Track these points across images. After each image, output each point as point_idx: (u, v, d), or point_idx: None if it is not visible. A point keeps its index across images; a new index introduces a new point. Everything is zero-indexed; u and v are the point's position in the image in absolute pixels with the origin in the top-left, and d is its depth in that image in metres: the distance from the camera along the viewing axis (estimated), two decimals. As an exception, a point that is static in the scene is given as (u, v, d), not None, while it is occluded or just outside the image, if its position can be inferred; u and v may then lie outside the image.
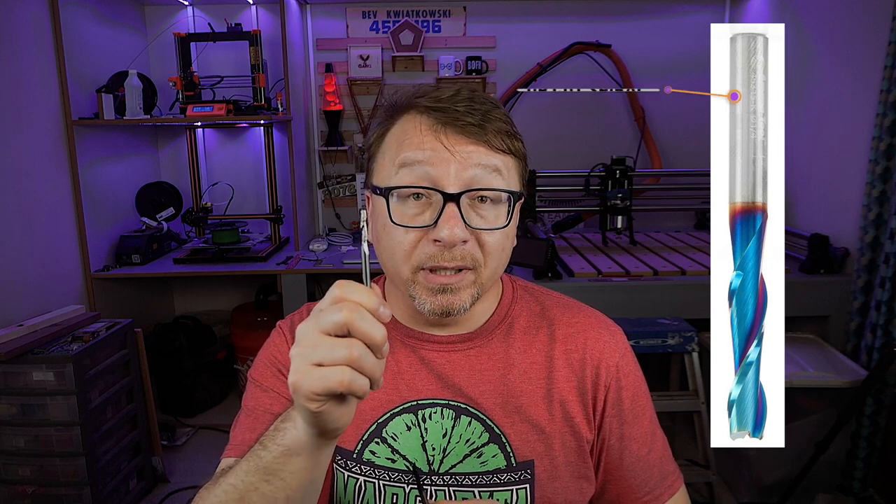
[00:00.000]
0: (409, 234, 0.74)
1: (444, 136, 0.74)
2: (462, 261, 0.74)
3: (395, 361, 0.83)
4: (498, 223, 0.75)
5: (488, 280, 0.78)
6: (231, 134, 3.30)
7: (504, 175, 0.76)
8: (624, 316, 2.21)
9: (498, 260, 0.77)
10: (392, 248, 0.76)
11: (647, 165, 3.23)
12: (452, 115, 0.74)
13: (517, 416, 0.81)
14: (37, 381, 2.01)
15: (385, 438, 0.81)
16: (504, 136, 0.76)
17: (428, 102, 0.76)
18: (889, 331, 2.01)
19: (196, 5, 3.09)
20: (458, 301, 0.75)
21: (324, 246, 2.89)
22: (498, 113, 0.77)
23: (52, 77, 2.46)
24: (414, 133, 0.75)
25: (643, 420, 0.85)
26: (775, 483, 2.07)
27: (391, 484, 0.80)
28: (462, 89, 0.77)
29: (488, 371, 0.82)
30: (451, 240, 0.71)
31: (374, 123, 0.82)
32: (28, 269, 2.31)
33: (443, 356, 0.83)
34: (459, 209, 0.73)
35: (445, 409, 0.81)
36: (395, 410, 0.81)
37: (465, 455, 0.80)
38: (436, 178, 0.73)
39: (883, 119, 2.03)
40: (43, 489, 2.09)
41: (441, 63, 3.16)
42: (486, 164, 0.74)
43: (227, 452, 0.84)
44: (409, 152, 0.74)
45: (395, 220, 0.74)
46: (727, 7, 3.25)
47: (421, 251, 0.74)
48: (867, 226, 2.10)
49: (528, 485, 0.80)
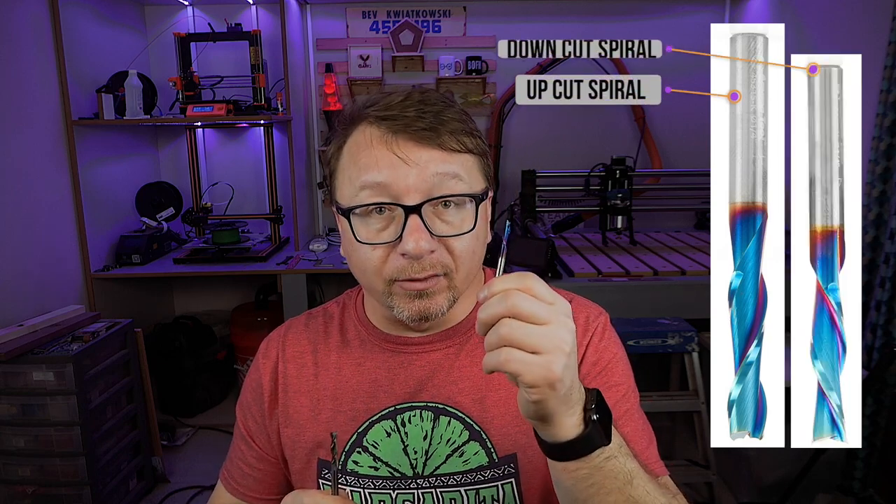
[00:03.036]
0: (377, 250, 0.74)
1: (395, 145, 0.72)
2: (432, 269, 0.73)
3: (371, 369, 0.84)
4: (464, 227, 0.74)
5: (462, 283, 0.77)
6: (231, 134, 3.30)
7: (464, 178, 0.74)
8: (624, 316, 2.21)
9: (469, 263, 0.76)
10: (362, 265, 0.75)
11: (647, 165, 3.23)
12: (403, 122, 0.72)
13: (496, 410, 0.80)
14: (37, 381, 2.01)
15: (366, 447, 0.81)
16: (460, 136, 0.74)
17: (377, 112, 0.74)
18: (889, 331, 2.01)
19: (196, 5, 3.09)
20: (434, 305, 0.75)
21: (324, 246, 2.89)
22: (451, 112, 0.75)
23: (52, 77, 2.46)
24: (367, 147, 0.74)
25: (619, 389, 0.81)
26: (775, 483, 2.07)
27: (377, 492, 0.80)
28: (413, 93, 0.76)
29: (467, 367, 0.82)
30: (417, 252, 0.71)
31: (333, 137, 0.81)
32: (28, 269, 2.31)
33: (422, 357, 0.83)
34: (423, 219, 0.71)
35: (424, 411, 0.81)
36: (374, 418, 0.81)
37: (447, 455, 0.80)
38: (395, 192, 0.72)
39: (883, 119, 2.03)
40: (43, 489, 2.09)
41: (441, 63, 3.16)
42: (445, 171, 0.72)
43: (222, 476, 0.92)
44: (365, 174, 0.73)
45: (360, 239, 0.74)
46: (727, 7, 3.25)
47: (391, 265, 0.73)
48: (867, 226, 2.10)
49: (514, 479, 0.80)
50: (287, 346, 0.88)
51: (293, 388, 0.86)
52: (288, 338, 0.89)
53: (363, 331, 0.86)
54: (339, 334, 0.88)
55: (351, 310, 0.89)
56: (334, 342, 0.87)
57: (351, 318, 0.89)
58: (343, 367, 0.85)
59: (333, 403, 0.83)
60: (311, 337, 0.88)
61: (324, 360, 0.86)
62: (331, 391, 0.84)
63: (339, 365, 0.85)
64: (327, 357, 0.86)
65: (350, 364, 0.85)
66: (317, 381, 0.85)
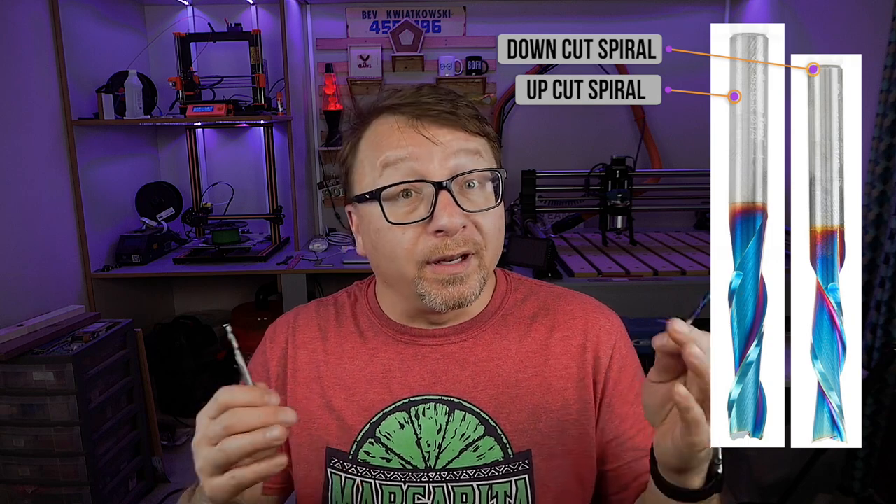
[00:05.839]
0: (407, 232, 0.74)
1: (421, 127, 0.75)
2: (465, 246, 0.74)
3: (385, 360, 0.83)
4: (490, 204, 0.77)
5: (491, 263, 0.79)
6: (231, 134, 3.30)
7: (484, 157, 0.77)
8: (624, 316, 2.19)
9: (497, 240, 0.78)
10: (392, 250, 0.75)
11: (647, 165, 3.23)
12: (424, 108, 0.75)
13: (512, 406, 0.80)
14: (37, 381, 2.01)
15: (379, 438, 0.80)
16: (475, 120, 0.77)
17: (394, 102, 0.77)
18: (889, 331, 2.01)
19: (196, 5, 3.09)
20: (468, 290, 0.75)
21: (324, 246, 2.90)
22: (463, 101, 0.78)
23: (52, 77, 2.46)
24: (390, 133, 0.76)
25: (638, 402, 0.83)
26: (775, 483, 2.07)
27: (388, 483, 0.80)
28: (424, 86, 0.79)
29: (483, 362, 0.82)
30: (452, 226, 0.72)
31: (344, 139, 0.82)
32: (28, 269, 2.31)
33: (437, 350, 0.82)
34: (452, 195, 0.73)
35: (439, 404, 0.80)
36: (388, 409, 0.81)
37: (461, 450, 0.79)
38: (422, 171, 0.74)
39: (883, 119, 2.04)
40: (43, 489, 2.09)
41: (441, 63, 3.16)
42: (468, 148, 0.75)
43: None
44: (389, 151, 0.75)
45: (392, 220, 0.74)
46: (727, 7, 3.25)
47: (423, 246, 0.74)
48: (867, 226, 2.10)
49: (527, 475, 0.79)
50: (297, 332, 0.88)
51: (303, 374, 0.85)
52: (298, 323, 0.89)
53: (376, 322, 0.86)
54: (353, 324, 0.87)
55: (363, 301, 0.89)
56: (346, 331, 0.86)
57: (363, 309, 0.88)
58: (356, 356, 0.84)
59: (346, 393, 0.82)
60: (322, 324, 0.88)
61: (335, 348, 0.85)
62: (343, 380, 0.83)
63: (352, 354, 0.84)
64: (339, 346, 0.85)
65: (364, 353, 0.84)
66: (328, 368, 0.84)
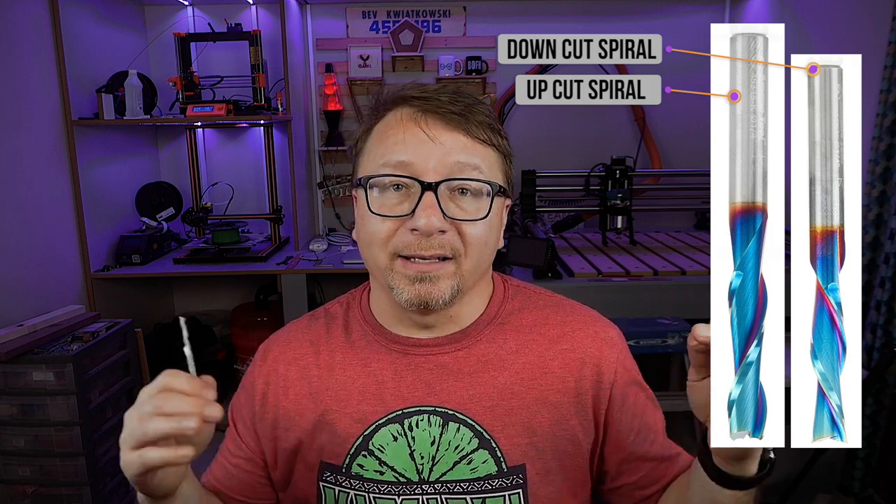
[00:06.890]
0: (387, 223, 0.74)
1: (424, 123, 0.74)
2: (440, 249, 0.73)
3: (378, 370, 0.81)
4: (479, 215, 0.75)
5: (470, 274, 0.76)
6: (231, 134, 3.30)
7: (484, 171, 0.76)
8: (624, 316, 2.21)
9: (480, 253, 0.76)
10: (370, 237, 0.76)
11: (647, 165, 3.23)
12: (435, 104, 0.75)
13: (507, 419, 0.79)
14: (37, 381, 2.01)
15: (372, 451, 0.79)
16: (485, 128, 0.76)
17: (412, 92, 0.77)
18: (889, 331, 2.01)
19: (196, 5, 3.09)
20: (436, 291, 0.74)
21: (324, 246, 2.89)
22: (482, 107, 0.77)
23: (52, 77, 2.46)
24: (396, 124, 0.76)
25: (646, 413, 0.84)
26: (775, 483, 2.07)
27: (381, 496, 0.79)
28: (449, 84, 0.81)
29: (478, 373, 0.80)
30: (428, 228, 0.71)
31: (362, 124, 0.83)
32: (28, 269, 2.31)
33: (430, 360, 0.81)
34: (437, 198, 0.72)
35: (432, 416, 0.79)
36: (381, 421, 0.79)
37: (454, 462, 0.78)
38: (415, 168, 0.73)
39: (883, 119, 2.03)
40: (43, 489, 2.09)
41: (441, 63, 3.16)
42: (466, 161, 0.74)
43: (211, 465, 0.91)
44: (389, 143, 0.75)
45: (374, 210, 0.74)
46: (727, 7, 3.25)
47: (398, 239, 0.74)
48: (867, 226, 2.10)
49: (521, 490, 0.78)
50: (289, 349, 0.87)
51: (294, 391, 0.84)
52: (290, 340, 0.88)
53: (369, 330, 0.84)
54: (343, 333, 0.86)
55: (356, 309, 0.87)
56: (337, 342, 0.85)
57: (356, 317, 0.86)
58: (347, 366, 0.83)
59: (339, 405, 0.81)
60: (313, 338, 0.87)
61: (326, 360, 0.84)
62: (335, 391, 0.82)
63: (343, 365, 0.83)
64: (330, 357, 0.84)
65: (355, 364, 0.83)
66: (320, 381, 0.83)
